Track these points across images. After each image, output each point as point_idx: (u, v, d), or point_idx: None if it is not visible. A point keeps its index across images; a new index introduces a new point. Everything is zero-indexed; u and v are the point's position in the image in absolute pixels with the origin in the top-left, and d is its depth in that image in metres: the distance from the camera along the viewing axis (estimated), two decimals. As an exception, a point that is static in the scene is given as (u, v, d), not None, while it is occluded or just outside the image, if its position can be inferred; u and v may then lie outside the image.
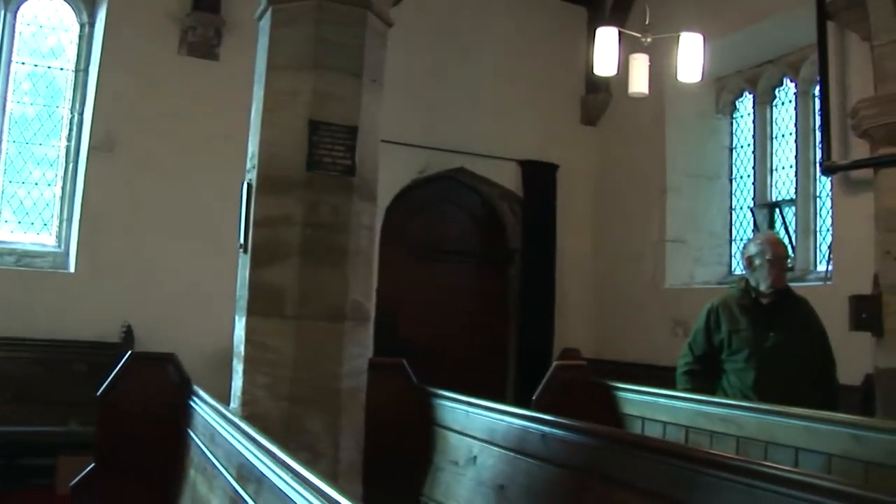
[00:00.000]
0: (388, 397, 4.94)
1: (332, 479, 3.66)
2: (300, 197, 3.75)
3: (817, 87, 7.05)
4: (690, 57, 5.27)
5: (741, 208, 8.66)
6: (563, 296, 9.13)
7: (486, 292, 9.17)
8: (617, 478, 2.96)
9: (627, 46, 5.91)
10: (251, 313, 3.75)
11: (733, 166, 8.84)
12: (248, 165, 3.96)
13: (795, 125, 8.03)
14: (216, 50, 7.60)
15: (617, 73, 5.72)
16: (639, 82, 5.56)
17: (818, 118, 6.92)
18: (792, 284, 5.93)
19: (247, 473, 2.51)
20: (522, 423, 3.71)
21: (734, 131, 8.87)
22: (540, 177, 9.05)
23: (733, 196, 8.80)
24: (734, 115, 8.88)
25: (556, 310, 9.06)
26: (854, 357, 5.79)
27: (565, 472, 3.31)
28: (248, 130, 4.04)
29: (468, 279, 9.14)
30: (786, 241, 7.68)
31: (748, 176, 8.60)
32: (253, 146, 3.93)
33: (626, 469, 2.92)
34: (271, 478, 2.25)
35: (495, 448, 3.93)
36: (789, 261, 6.36)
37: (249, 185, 3.86)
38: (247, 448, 2.58)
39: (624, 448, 3.00)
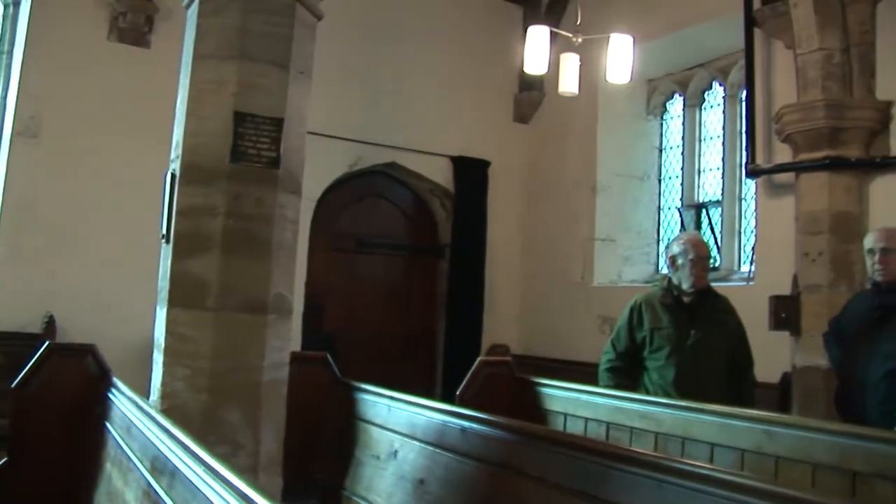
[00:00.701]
0: (311, 391, 4.93)
1: (251, 473, 3.67)
2: (224, 188, 3.72)
3: (744, 92, 7.20)
4: (620, 58, 5.33)
5: (669, 208, 8.82)
6: (493, 292, 9.19)
7: (416, 287, 9.20)
8: (531, 472, 3.00)
9: (560, 46, 5.96)
10: (172, 304, 3.71)
11: (662, 167, 9.00)
12: (172, 155, 3.92)
13: (723, 128, 8.20)
14: (147, 37, 7.45)
15: (548, 72, 5.76)
16: (568, 82, 5.61)
17: (745, 122, 7.08)
18: (716, 284, 6.06)
19: (160, 466, 2.49)
20: (443, 417, 3.73)
21: (664, 132, 9.02)
22: (471, 173, 9.09)
23: (662, 196, 8.95)
24: (664, 117, 9.03)
25: (486, 306, 9.11)
26: (774, 356, 5.96)
27: (483, 467, 3.34)
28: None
29: (398, 273, 9.15)
30: (711, 241, 7.86)
31: (677, 177, 8.75)
32: (177, 136, 3.88)
33: (541, 464, 2.96)
34: (184, 471, 2.23)
35: (416, 442, 3.94)
36: (713, 261, 6.50)
37: (173, 175, 3.82)
38: (161, 441, 2.56)
39: (538, 443, 3.04)
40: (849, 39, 6.04)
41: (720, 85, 8.34)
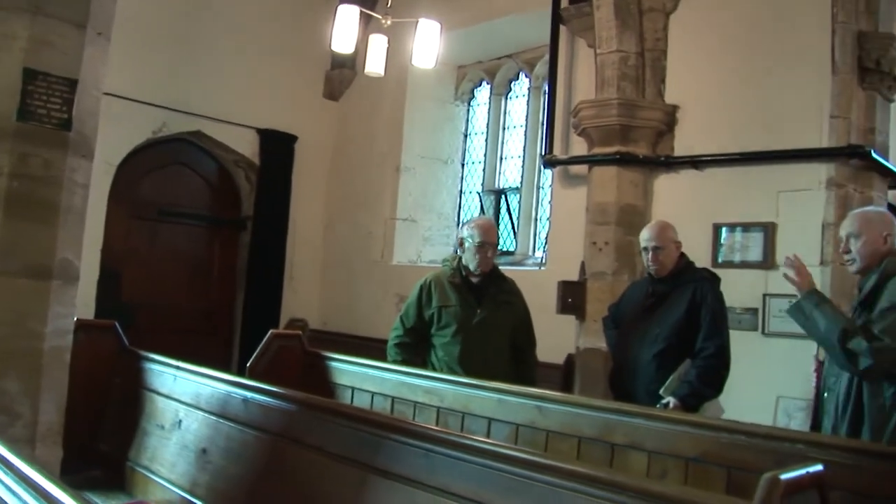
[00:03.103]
0: (97, 360, 4.80)
1: (28, 444, 3.53)
2: (8, 147, 3.57)
3: (547, 85, 7.44)
4: (426, 43, 5.39)
5: (470, 192, 9.04)
6: (294, 266, 9.16)
7: (217, 259, 9.03)
8: (310, 442, 3.05)
9: (373, 27, 5.98)
10: (-51, 266, 3.52)
11: (466, 152, 9.21)
12: (-44, 109, 3.69)
13: (526, 118, 8.47)
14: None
15: (361, 52, 5.77)
16: (375, 62, 5.62)
17: (546, 114, 7.33)
18: (511, 268, 6.28)
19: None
20: (227, 388, 3.73)
21: (470, 118, 9.24)
22: (278, 147, 9.00)
23: (464, 180, 9.17)
24: (471, 104, 9.23)
25: (286, 280, 9.08)
26: (560, 338, 6.25)
27: (263, 436, 3.37)
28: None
29: (199, 244, 8.94)
30: (508, 227, 8.12)
31: (479, 162, 8.98)
32: (-38, 89, 3.66)
33: (319, 434, 3.01)
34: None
35: (200, 412, 3.93)
36: (510, 246, 6.72)
37: (-45, 130, 3.60)
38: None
39: (317, 414, 3.10)
40: (644, 45, 6.39)
41: (526, 76, 8.61)
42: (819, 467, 1.83)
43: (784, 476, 1.70)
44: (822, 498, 1.83)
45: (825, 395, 3.81)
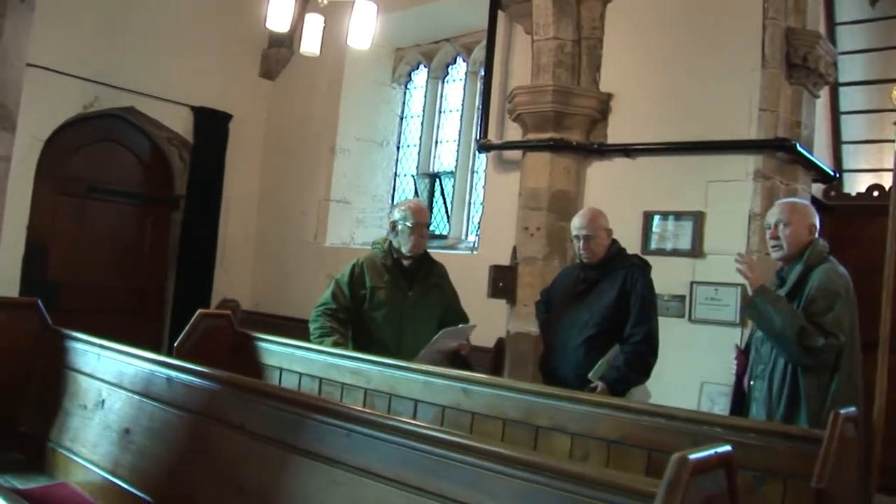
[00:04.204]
0: (18, 339, 4.69)
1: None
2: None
3: (484, 70, 7.46)
4: (362, 24, 5.35)
5: (405, 175, 9.05)
6: (227, 246, 9.09)
7: (148, 237, 8.91)
8: (233, 421, 3.03)
9: (310, 6, 5.93)
10: None
11: (402, 135, 9.21)
12: None
13: (462, 102, 8.50)
14: None
15: (294, 31, 5.71)
16: (311, 42, 5.57)
17: (482, 99, 7.35)
18: (444, 252, 6.29)
19: None
20: (151, 367, 3.68)
21: (407, 101, 9.24)
22: (212, 125, 8.91)
23: (399, 163, 9.18)
24: (409, 86, 9.23)
25: (218, 260, 9.02)
26: (491, 322, 6.29)
27: (187, 416, 3.34)
28: None
29: (130, 222, 8.81)
30: (442, 211, 8.13)
31: (415, 145, 8.99)
32: None
33: (242, 413, 2.99)
34: None
35: (123, 391, 3.86)
36: (438, 229, 6.72)
37: None
38: None
39: (240, 393, 3.08)
40: (580, 32, 6.45)
41: (464, 61, 8.62)
42: (727, 448, 1.88)
43: (692, 456, 1.74)
44: (729, 476, 1.88)
45: (752, 382, 3.92)
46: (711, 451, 1.82)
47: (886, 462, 3.71)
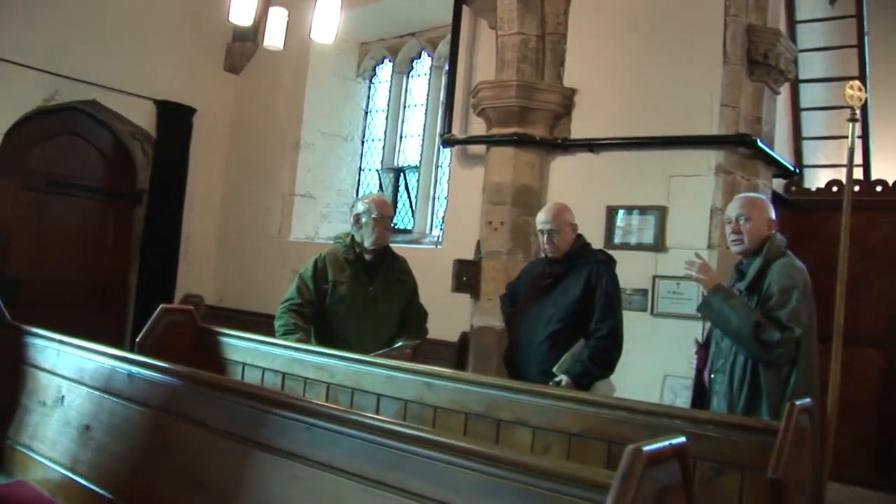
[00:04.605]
0: (-26, 336, 4.62)
1: None
2: None
3: (448, 65, 7.46)
4: (325, 18, 5.35)
5: (370, 170, 9.04)
6: (190, 241, 9.04)
7: (111, 232, 8.85)
8: (194, 417, 3.02)
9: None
10: None
11: (367, 129, 9.20)
12: None
13: (427, 97, 8.49)
14: None
15: (258, 25, 5.68)
16: (274, 36, 5.57)
17: (446, 93, 7.35)
18: (408, 247, 6.29)
19: None
20: (111, 362, 3.66)
21: (371, 96, 9.23)
22: (176, 119, 8.84)
23: (364, 157, 9.17)
24: (373, 81, 9.22)
25: (182, 255, 8.96)
26: (454, 316, 6.31)
27: (148, 412, 3.33)
28: None
29: (92, 217, 8.72)
30: (406, 205, 8.13)
31: (379, 139, 8.99)
32: None
33: (203, 408, 2.99)
34: None
35: (83, 388, 3.85)
36: (403, 224, 6.71)
37: None
38: None
39: (201, 389, 3.08)
40: (545, 28, 6.46)
41: (428, 55, 8.62)
42: (682, 439, 1.90)
43: (647, 448, 1.76)
44: (683, 467, 1.90)
45: (713, 376, 3.95)
46: (666, 443, 1.85)
47: (839, 451, 3.78)
